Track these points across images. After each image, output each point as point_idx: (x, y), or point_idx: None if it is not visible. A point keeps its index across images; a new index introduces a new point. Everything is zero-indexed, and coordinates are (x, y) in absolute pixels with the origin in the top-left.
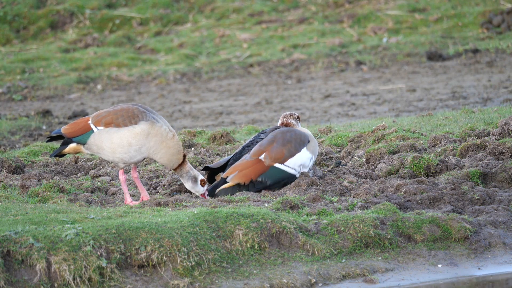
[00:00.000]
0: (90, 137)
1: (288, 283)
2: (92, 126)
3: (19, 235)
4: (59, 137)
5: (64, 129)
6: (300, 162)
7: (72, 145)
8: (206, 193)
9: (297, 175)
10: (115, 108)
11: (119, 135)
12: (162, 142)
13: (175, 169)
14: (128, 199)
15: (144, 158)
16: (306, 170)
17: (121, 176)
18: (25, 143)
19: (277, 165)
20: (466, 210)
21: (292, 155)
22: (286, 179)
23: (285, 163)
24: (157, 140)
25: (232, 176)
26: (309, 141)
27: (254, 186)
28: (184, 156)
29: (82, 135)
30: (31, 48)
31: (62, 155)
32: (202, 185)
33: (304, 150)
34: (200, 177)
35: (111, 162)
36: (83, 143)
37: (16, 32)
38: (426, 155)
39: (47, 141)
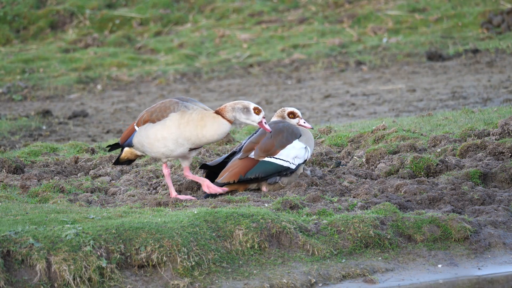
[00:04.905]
0: (134, 137)
1: (288, 283)
2: (136, 127)
3: (19, 235)
4: (117, 146)
5: (120, 138)
6: (294, 154)
7: (125, 149)
8: (264, 120)
9: (292, 167)
10: (153, 105)
11: (153, 130)
12: (197, 126)
13: (230, 122)
14: (173, 193)
15: (193, 149)
16: (301, 161)
17: (165, 170)
18: (25, 143)
19: (267, 158)
20: (466, 210)
21: (283, 145)
22: (281, 171)
23: (276, 156)
24: (191, 128)
25: (223, 178)
26: (301, 135)
27: (246, 181)
28: (218, 111)
29: (130, 138)
30: (31, 48)
31: (124, 162)
32: (257, 113)
33: (296, 141)
34: (252, 105)
35: (156, 159)
36: (132, 146)
37: (16, 32)
38: (426, 155)
39: (108, 151)
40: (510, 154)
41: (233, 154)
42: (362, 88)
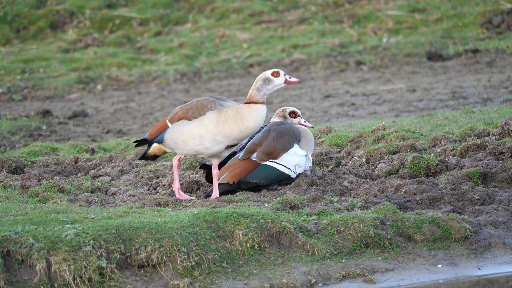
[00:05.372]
0: (166, 133)
1: (288, 283)
2: (168, 124)
3: (19, 235)
4: (144, 141)
5: (148, 134)
6: (296, 161)
7: (154, 145)
8: (287, 77)
9: (293, 176)
10: (189, 102)
11: (189, 127)
12: (237, 121)
13: (264, 104)
14: (177, 184)
15: (233, 145)
16: (301, 170)
17: (175, 162)
18: (25, 143)
19: (269, 162)
20: (466, 210)
21: (285, 149)
22: (281, 178)
23: (277, 161)
24: (231, 124)
25: (222, 178)
26: (301, 137)
27: (246, 185)
28: (248, 101)
29: (161, 134)
30: (31, 48)
31: (149, 157)
32: (277, 76)
33: (296, 146)
34: (268, 72)
35: (186, 156)
36: (162, 142)
37: (16, 32)
38: (426, 155)
39: (135, 146)
40: (510, 154)
41: (234, 154)
42: (362, 88)
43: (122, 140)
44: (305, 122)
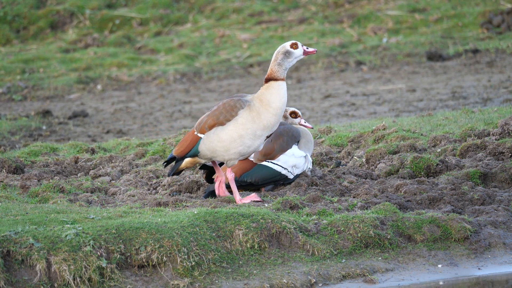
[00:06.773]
0: (200, 145)
1: (288, 283)
2: (200, 135)
3: (19, 235)
4: (173, 159)
5: (175, 152)
6: (293, 162)
7: (187, 160)
8: (305, 48)
9: (290, 176)
10: (213, 109)
11: (226, 131)
12: (267, 109)
13: (283, 80)
14: (238, 197)
15: (267, 138)
16: (300, 171)
17: (230, 175)
18: (25, 143)
19: (265, 163)
20: (466, 210)
21: (283, 150)
22: (277, 178)
23: (274, 161)
24: (265, 114)
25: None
26: (300, 137)
27: (240, 184)
28: (268, 78)
29: (194, 148)
30: (31, 48)
31: (180, 172)
32: (296, 48)
33: (295, 147)
34: (287, 45)
35: (226, 161)
36: (197, 154)
37: (16, 32)
38: (426, 155)
39: (165, 166)
40: (510, 154)
41: None
42: (362, 88)
43: (122, 140)
44: (305, 122)
